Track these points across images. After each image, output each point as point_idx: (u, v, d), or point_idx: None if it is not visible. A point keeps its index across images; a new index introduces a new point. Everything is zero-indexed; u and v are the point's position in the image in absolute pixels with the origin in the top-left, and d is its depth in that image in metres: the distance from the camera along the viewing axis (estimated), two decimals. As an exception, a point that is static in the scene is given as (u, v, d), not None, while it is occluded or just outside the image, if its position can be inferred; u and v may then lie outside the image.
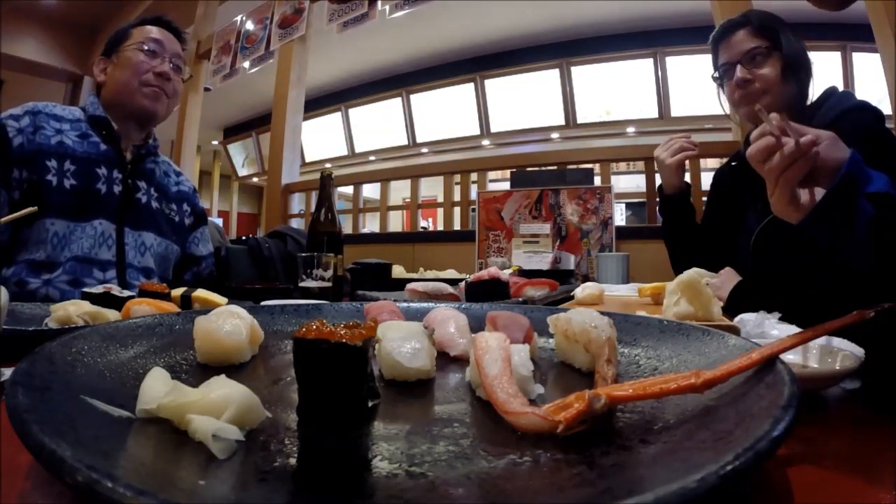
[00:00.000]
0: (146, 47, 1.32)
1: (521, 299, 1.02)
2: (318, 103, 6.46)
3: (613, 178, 2.74)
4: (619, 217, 2.59)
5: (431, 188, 4.03)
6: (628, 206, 5.77)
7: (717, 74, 1.30)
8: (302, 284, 1.02)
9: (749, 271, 1.14)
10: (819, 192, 0.71)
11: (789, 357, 0.49)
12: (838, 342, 0.50)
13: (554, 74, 5.26)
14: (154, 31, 1.35)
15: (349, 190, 4.44)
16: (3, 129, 1.17)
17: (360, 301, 0.69)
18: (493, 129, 5.73)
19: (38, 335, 0.53)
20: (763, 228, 1.15)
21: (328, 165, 7.10)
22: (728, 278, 1.09)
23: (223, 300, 0.79)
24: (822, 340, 0.52)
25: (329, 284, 1.03)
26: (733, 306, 0.92)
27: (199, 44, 4.76)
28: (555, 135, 5.61)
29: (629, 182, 5.41)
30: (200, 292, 0.79)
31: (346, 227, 4.50)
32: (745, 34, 1.23)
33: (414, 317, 0.57)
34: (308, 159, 6.78)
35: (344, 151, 6.85)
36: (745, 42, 1.23)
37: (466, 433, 0.31)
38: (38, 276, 1.14)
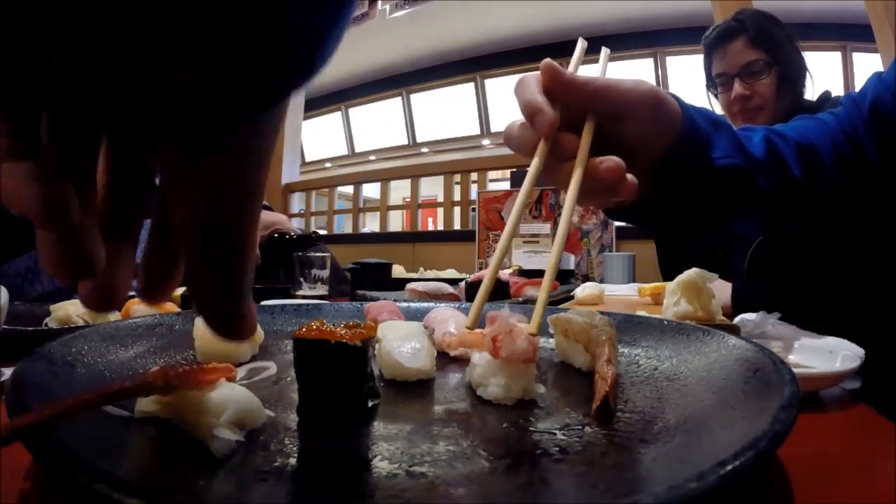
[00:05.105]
0: None
1: (521, 299, 1.02)
2: (318, 103, 6.45)
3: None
4: (620, 217, 2.58)
5: (431, 188, 4.03)
6: (628, 205, 5.77)
7: (711, 82, 1.28)
8: (300, 292, 1.02)
9: (744, 280, 1.13)
10: None
11: (789, 357, 0.49)
12: (838, 342, 0.50)
13: (554, 74, 5.26)
14: None
15: (349, 190, 4.44)
16: None
17: (360, 301, 0.69)
18: (493, 129, 5.73)
19: (38, 335, 0.53)
20: (757, 246, 1.13)
21: (328, 165, 7.11)
22: (720, 287, 1.08)
23: (223, 300, 0.79)
24: (820, 341, 0.52)
25: (326, 291, 1.03)
26: (737, 308, 0.91)
27: (199, 44, 4.76)
28: (555, 135, 5.61)
29: (629, 182, 5.40)
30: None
31: (347, 227, 4.50)
32: (742, 44, 1.20)
33: (414, 317, 0.57)
34: (308, 159, 6.78)
35: (344, 151, 6.85)
36: (743, 54, 1.20)
37: (466, 433, 0.31)
38: None
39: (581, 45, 0.46)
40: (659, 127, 0.44)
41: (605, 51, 0.48)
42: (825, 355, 0.47)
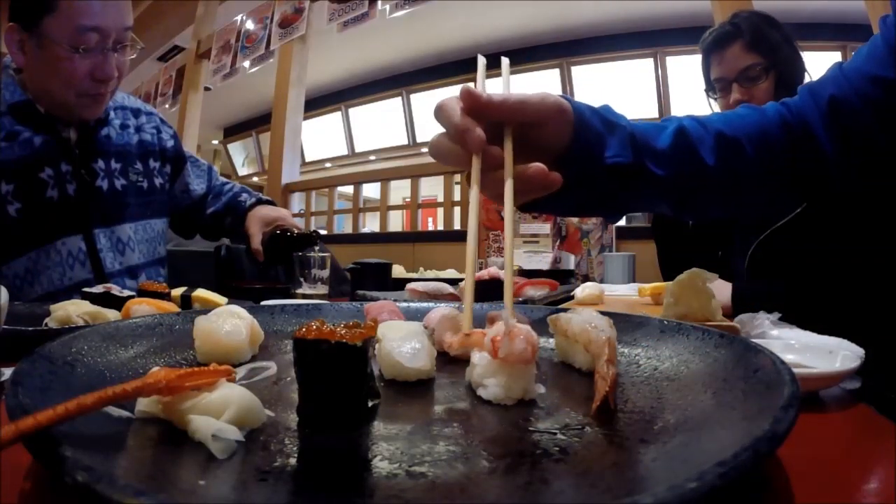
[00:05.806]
0: (81, 46, 0.96)
1: (521, 299, 1.02)
2: (318, 103, 6.45)
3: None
4: (620, 217, 2.57)
5: (431, 188, 4.03)
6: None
7: (709, 85, 1.29)
8: (299, 291, 1.02)
9: (744, 280, 1.13)
10: None
11: (789, 357, 0.49)
12: (838, 342, 0.50)
13: (554, 74, 5.26)
14: (92, 10, 0.95)
15: (349, 190, 4.45)
16: None
17: (360, 301, 0.69)
18: (494, 128, 5.73)
19: (38, 335, 0.53)
20: (758, 246, 1.13)
21: (328, 165, 7.10)
22: (720, 287, 1.08)
23: (223, 300, 0.79)
24: (820, 341, 0.52)
25: (326, 290, 1.03)
26: (737, 308, 0.91)
27: (199, 43, 4.76)
28: (555, 134, 5.62)
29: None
30: (200, 292, 0.79)
31: (347, 227, 4.49)
32: (739, 49, 1.20)
33: (414, 317, 0.57)
34: (308, 159, 6.78)
35: (344, 151, 6.85)
36: (739, 59, 1.20)
37: (466, 433, 0.31)
38: None
39: (481, 61, 0.55)
40: (563, 130, 0.52)
41: (504, 61, 0.56)
42: (825, 355, 0.47)
